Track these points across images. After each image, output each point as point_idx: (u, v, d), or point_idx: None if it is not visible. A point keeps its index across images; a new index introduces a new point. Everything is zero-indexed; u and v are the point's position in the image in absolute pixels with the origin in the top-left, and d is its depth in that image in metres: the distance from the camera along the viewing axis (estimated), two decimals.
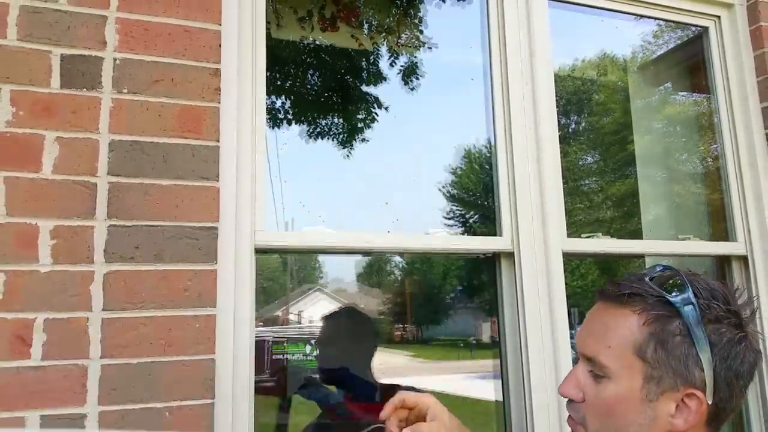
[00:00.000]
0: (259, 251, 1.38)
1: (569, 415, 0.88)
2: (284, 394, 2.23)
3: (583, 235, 1.72)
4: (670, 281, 0.85)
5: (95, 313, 1.13)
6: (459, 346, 5.33)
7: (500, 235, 1.63)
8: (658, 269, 0.86)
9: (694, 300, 0.78)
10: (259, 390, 1.34)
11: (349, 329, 2.25)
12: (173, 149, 1.24)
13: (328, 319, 2.43)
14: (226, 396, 1.24)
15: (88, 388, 1.10)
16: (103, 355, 1.12)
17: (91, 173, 1.18)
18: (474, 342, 5.24)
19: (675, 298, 0.79)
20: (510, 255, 1.62)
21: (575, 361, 0.92)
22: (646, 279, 0.83)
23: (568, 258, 1.65)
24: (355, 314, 2.82)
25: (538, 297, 1.59)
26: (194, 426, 1.15)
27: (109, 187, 1.18)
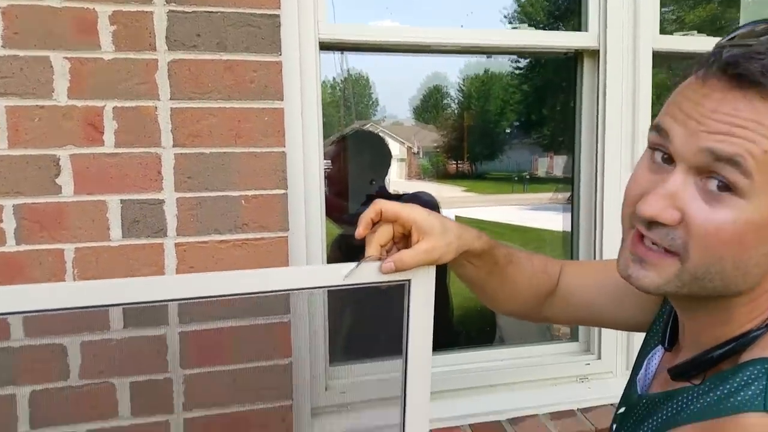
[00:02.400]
0: (324, 46, 1.30)
1: (641, 245, 0.62)
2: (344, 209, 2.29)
3: (676, 33, 1.53)
4: None
5: (163, 102, 1.10)
6: (513, 181, 5.30)
7: (585, 30, 1.47)
8: None
9: None
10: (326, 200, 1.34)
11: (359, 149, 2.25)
12: None
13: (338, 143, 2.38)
14: (298, 188, 1.24)
15: (163, 175, 1.11)
16: (175, 144, 1.11)
17: None
18: (528, 177, 5.18)
19: None
20: (594, 54, 1.48)
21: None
22: None
23: (660, 58, 1.49)
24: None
25: (621, 105, 1.47)
26: (270, 212, 1.16)
27: None
